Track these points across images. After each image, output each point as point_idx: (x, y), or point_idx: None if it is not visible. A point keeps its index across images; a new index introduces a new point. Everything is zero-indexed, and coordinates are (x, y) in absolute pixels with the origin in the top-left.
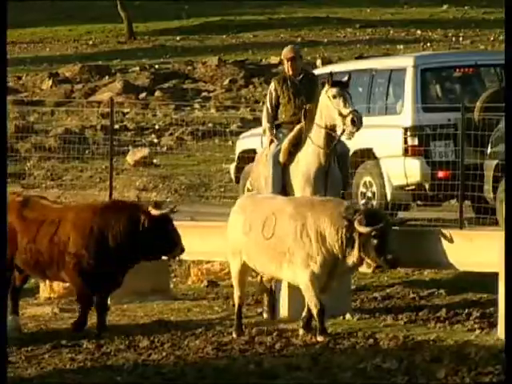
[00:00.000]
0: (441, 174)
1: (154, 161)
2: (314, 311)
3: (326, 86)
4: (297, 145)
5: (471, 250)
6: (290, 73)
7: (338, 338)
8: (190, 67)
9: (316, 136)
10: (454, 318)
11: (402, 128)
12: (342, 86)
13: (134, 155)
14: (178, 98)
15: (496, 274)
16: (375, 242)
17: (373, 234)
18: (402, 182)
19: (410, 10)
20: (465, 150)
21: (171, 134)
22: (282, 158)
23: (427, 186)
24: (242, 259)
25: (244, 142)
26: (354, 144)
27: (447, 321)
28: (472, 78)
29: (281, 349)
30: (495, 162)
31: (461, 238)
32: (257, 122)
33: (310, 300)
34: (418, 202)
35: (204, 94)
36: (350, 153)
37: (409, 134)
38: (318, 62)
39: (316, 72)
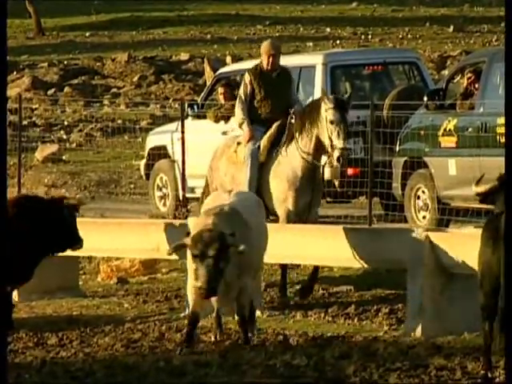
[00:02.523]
0: (350, 171)
1: (63, 157)
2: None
3: (328, 105)
4: (276, 143)
5: (380, 246)
6: (269, 68)
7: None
8: (99, 63)
9: (305, 144)
10: (363, 315)
11: None
12: (344, 108)
13: (42, 151)
14: (87, 94)
15: (404, 271)
16: None
17: None
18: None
19: (319, 7)
20: (374, 147)
21: (80, 131)
22: (261, 157)
23: (337, 183)
24: None
25: (154, 139)
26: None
27: (356, 317)
28: (381, 76)
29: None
30: (403, 159)
31: (370, 235)
32: (166, 118)
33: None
34: (328, 199)
35: (113, 90)
36: None
37: None
38: (228, 59)
39: (226, 69)
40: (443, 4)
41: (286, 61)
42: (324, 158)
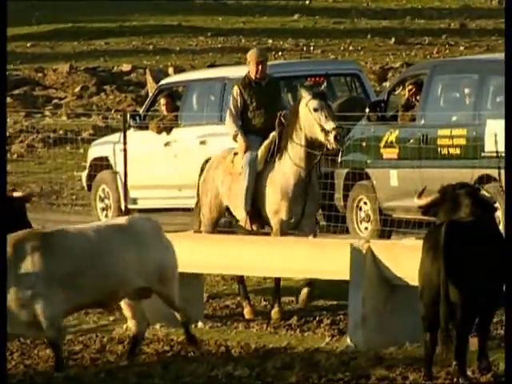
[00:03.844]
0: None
1: None
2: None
3: (306, 97)
4: (272, 152)
5: (322, 257)
6: (258, 76)
7: (190, 346)
8: (40, 74)
9: (295, 151)
10: (305, 326)
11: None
12: (324, 98)
13: None
14: (28, 104)
15: (346, 282)
16: None
17: None
18: None
19: (261, 19)
20: None
21: (22, 142)
22: (259, 166)
23: None
24: None
25: (96, 150)
26: (206, 152)
27: (298, 328)
28: None
29: (132, 358)
30: (346, 170)
31: (312, 246)
32: (109, 129)
33: None
34: None
35: (55, 101)
36: (202, 161)
37: None
38: (170, 70)
39: (168, 80)
40: (384, 16)
41: (228, 72)
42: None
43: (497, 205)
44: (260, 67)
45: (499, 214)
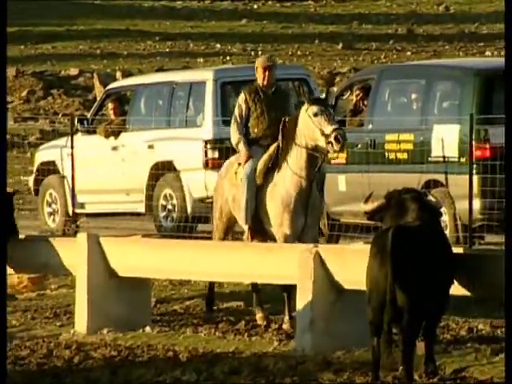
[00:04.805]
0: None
1: None
2: None
3: (306, 104)
4: (273, 164)
5: (270, 262)
6: (265, 83)
7: (138, 351)
8: None
9: (295, 160)
10: (253, 330)
11: (202, 141)
12: (323, 104)
13: None
14: None
15: (294, 286)
16: None
17: None
18: (203, 194)
19: (209, 23)
20: None
21: None
22: (258, 180)
23: None
24: None
25: (43, 154)
26: (154, 156)
27: (246, 333)
28: None
29: (79, 363)
30: None
31: (260, 250)
32: (56, 133)
33: None
34: None
35: None
36: (150, 165)
37: (209, 146)
38: (118, 74)
39: (116, 85)
40: (332, 21)
41: (176, 76)
42: (322, 149)
43: (443, 209)
44: (267, 74)
45: (446, 219)
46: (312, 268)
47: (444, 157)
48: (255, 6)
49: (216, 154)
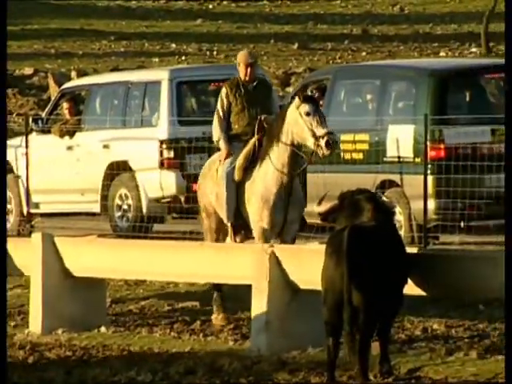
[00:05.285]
0: (196, 186)
1: None
2: None
3: (297, 101)
4: (252, 160)
5: (226, 262)
6: (247, 79)
7: (93, 351)
8: None
9: (278, 156)
10: (208, 330)
11: (157, 140)
12: (316, 103)
13: None
14: None
15: (249, 287)
16: None
17: None
18: (158, 194)
19: (164, 23)
20: None
21: None
22: (237, 177)
23: (182, 199)
24: None
25: None
26: (109, 156)
27: (201, 333)
28: None
29: (34, 363)
30: None
31: (216, 251)
32: (10, 133)
33: None
34: (174, 215)
35: None
36: (105, 165)
37: (164, 146)
38: (73, 73)
39: (71, 84)
40: (287, 21)
41: (131, 76)
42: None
43: (398, 209)
44: (249, 69)
45: (401, 219)
46: (267, 268)
47: (399, 157)
48: (210, 6)
49: (171, 154)
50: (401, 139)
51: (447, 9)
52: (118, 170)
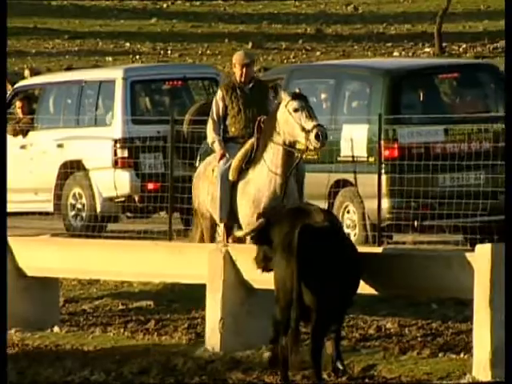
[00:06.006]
0: (150, 185)
1: None
2: None
3: (286, 99)
4: (248, 161)
5: (180, 262)
6: (243, 80)
7: (46, 351)
8: None
9: (271, 157)
10: (162, 330)
11: (111, 140)
12: (304, 99)
13: None
14: None
15: (204, 286)
16: None
17: None
18: (112, 193)
19: (118, 22)
20: (174, 162)
21: None
22: (231, 177)
23: (137, 198)
24: None
25: None
26: (63, 155)
27: (156, 332)
28: (181, 91)
29: None
30: None
31: (170, 250)
32: None
33: None
34: (128, 214)
35: None
36: (59, 164)
37: (118, 145)
38: (26, 72)
39: (24, 83)
40: (242, 21)
41: (85, 75)
42: (301, 146)
43: (352, 208)
44: (245, 71)
45: (355, 218)
46: (222, 267)
47: (353, 156)
48: (164, 5)
49: (125, 153)
50: (355, 139)
51: (401, 9)
52: (71, 169)
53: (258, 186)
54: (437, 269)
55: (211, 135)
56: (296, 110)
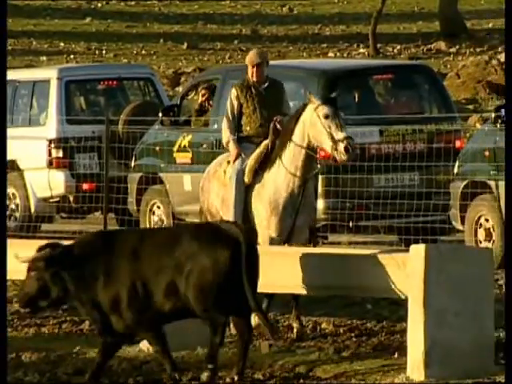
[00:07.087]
0: (85, 186)
1: None
2: None
3: (316, 102)
4: (263, 162)
5: None
6: (255, 80)
7: None
8: None
9: (291, 158)
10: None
11: (46, 140)
12: (335, 105)
13: None
14: None
15: None
16: None
17: None
18: (47, 193)
19: (52, 21)
20: (109, 162)
21: None
22: (246, 179)
23: (72, 198)
24: None
25: None
26: None
27: (90, 333)
28: (116, 91)
29: None
30: (139, 174)
31: None
32: None
33: None
34: (63, 214)
35: None
36: None
37: (53, 145)
38: None
39: None
40: (177, 21)
41: (19, 75)
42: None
43: None
44: (255, 70)
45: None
46: None
47: None
48: (99, 5)
49: (60, 153)
50: None
51: (336, 10)
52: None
53: (275, 187)
54: (371, 269)
55: (226, 134)
56: (327, 117)
